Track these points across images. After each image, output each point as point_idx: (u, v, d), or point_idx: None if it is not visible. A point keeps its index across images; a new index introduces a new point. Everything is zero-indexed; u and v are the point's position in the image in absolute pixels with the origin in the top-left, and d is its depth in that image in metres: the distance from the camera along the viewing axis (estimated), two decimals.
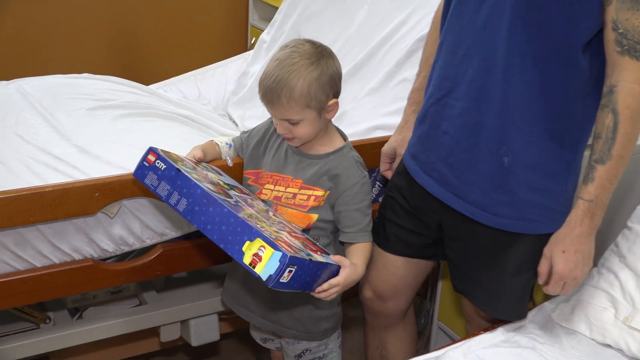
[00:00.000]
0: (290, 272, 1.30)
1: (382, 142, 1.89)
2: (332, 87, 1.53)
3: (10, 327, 1.93)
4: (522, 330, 1.67)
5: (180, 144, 1.78)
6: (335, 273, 1.47)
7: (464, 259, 1.64)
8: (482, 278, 1.62)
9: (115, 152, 1.82)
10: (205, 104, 2.59)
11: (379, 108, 2.11)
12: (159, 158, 1.45)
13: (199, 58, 3.26)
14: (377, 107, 2.12)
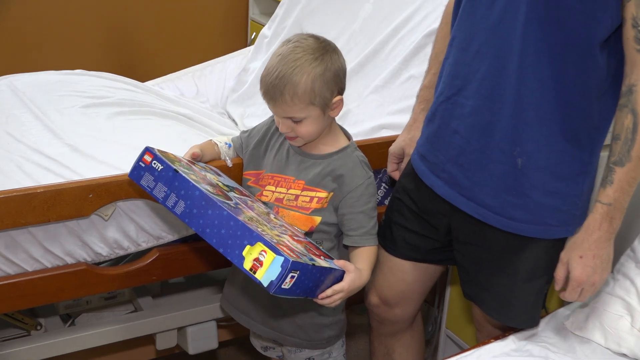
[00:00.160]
0: (293, 277, 1.29)
1: (387, 141, 1.89)
2: (336, 83, 1.53)
3: (0, 333, 1.92)
4: (534, 339, 1.66)
5: (178, 144, 1.77)
6: (340, 278, 1.46)
7: (474, 264, 1.64)
8: (493, 284, 1.62)
9: (110, 151, 1.81)
10: (204, 102, 2.59)
11: (385, 106, 2.11)
12: (156, 158, 1.44)
13: (197, 54, 3.26)
14: (382, 105, 2.12)
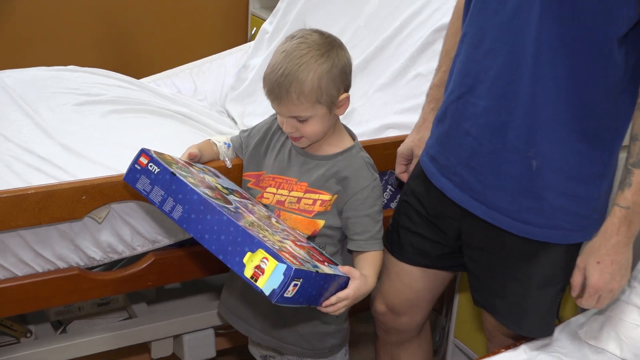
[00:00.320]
0: (296, 285, 1.29)
1: (394, 142, 1.89)
2: (343, 80, 1.53)
3: None
4: (547, 349, 1.66)
5: (174, 143, 1.77)
6: (344, 285, 1.46)
7: (486, 270, 1.63)
8: (505, 291, 1.61)
9: (104, 151, 1.81)
10: (202, 100, 2.60)
11: (391, 105, 2.11)
12: (152, 160, 1.44)
13: (195, 49, 3.27)
14: (388, 104, 2.12)
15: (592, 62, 1.38)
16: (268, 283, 1.27)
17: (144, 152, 1.45)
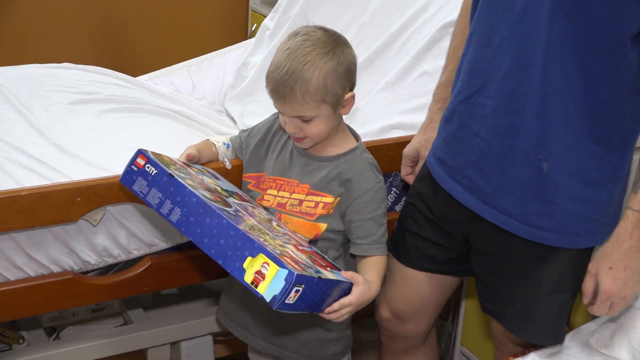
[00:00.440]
0: (297, 291, 1.29)
1: (399, 143, 1.89)
2: (348, 78, 1.53)
3: None
4: (557, 357, 1.66)
5: (172, 143, 1.77)
6: (347, 291, 1.46)
7: (494, 276, 1.63)
8: (514, 297, 1.61)
9: (99, 151, 1.81)
10: (200, 99, 2.60)
11: (396, 105, 2.11)
12: (149, 162, 1.44)
13: (194, 46, 3.27)
14: (393, 103, 2.12)
15: (604, 61, 1.38)
16: (269, 289, 1.27)
17: (141, 152, 1.45)
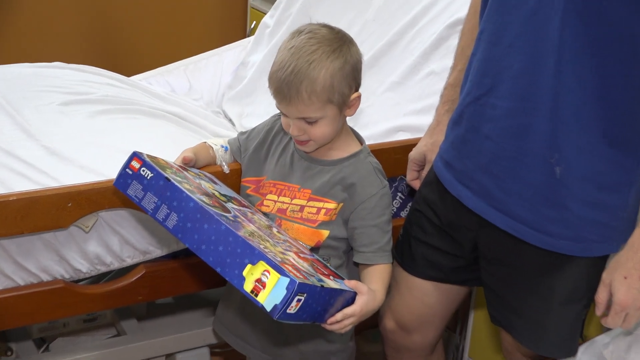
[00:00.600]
0: (299, 301, 1.29)
1: (404, 146, 1.89)
2: (354, 78, 1.54)
3: None
4: None
5: (168, 146, 1.78)
6: (350, 301, 1.46)
7: (505, 285, 1.63)
8: (525, 307, 1.61)
9: (92, 154, 1.81)
10: (197, 99, 2.61)
11: (402, 106, 2.11)
12: (145, 165, 1.44)
13: (190, 45, 3.27)
14: (399, 104, 2.12)
15: (619, 61, 1.38)
16: (269, 298, 1.26)
17: (136, 155, 1.46)
